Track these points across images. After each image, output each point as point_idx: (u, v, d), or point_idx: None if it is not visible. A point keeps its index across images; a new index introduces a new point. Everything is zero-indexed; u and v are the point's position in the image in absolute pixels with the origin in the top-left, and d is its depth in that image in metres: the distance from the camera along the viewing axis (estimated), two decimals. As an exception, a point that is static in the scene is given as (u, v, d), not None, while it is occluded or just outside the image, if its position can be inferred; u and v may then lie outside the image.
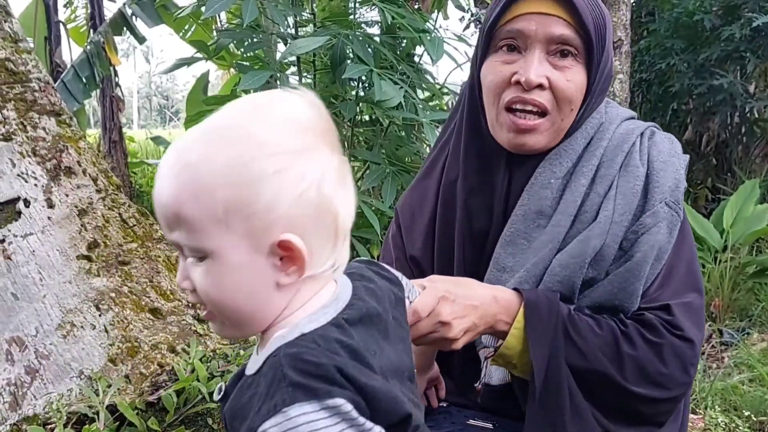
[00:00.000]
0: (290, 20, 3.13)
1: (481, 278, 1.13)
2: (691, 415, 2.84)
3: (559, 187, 1.11)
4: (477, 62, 1.17)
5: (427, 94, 3.92)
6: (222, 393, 0.80)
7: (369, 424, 0.68)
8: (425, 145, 3.52)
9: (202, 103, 4.00)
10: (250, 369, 0.75)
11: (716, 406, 2.86)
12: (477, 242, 1.18)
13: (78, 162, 2.29)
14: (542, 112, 1.09)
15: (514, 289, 1.07)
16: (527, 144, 1.11)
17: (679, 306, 1.06)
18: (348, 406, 0.66)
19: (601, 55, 1.10)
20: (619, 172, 1.10)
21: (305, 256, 0.70)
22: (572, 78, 1.09)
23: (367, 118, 3.65)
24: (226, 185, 0.67)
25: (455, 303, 1.00)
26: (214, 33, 4.44)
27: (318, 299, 0.75)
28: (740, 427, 2.65)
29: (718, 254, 4.31)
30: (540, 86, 1.07)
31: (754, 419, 2.72)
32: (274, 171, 0.68)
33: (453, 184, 1.21)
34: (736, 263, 4.31)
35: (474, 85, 1.18)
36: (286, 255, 0.70)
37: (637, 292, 1.05)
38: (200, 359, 2.01)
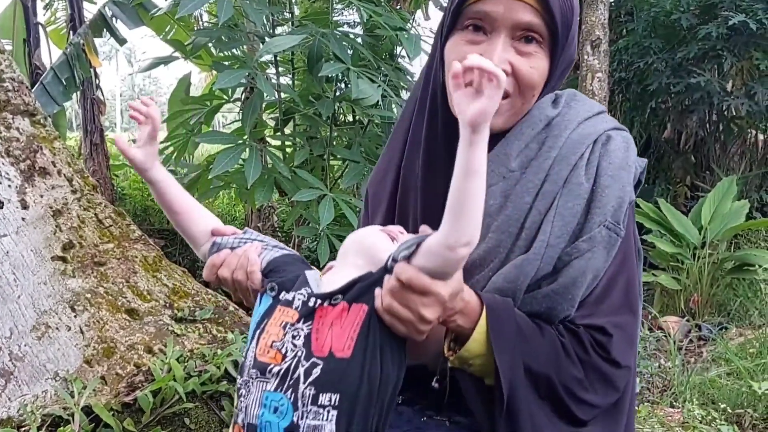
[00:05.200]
0: (267, 19, 3.12)
1: None
2: (669, 409, 2.87)
3: (501, 200, 1.09)
4: (441, 38, 1.14)
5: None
6: None
7: None
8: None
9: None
10: None
11: (694, 400, 2.90)
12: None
13: (53, 162, 2.27)
14: (504, 95, 1.05)
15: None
16: None
17: (612, 328, 1.06)
18: None
19: (566, 42, 1.09)
20: (561, 188, 1.07)
21: None
22: (536, 65, 1.07)
23: (350, 118, 3.65)
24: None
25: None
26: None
27: None
28: (717, 420, 2.68)
29: (696, 250, 4.35)
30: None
31: (731, 412, 2.76)
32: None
33: (413, 164, 1.17)
34: (715, 259, 4.36)
35: (436, 61, 1.15)
36: None
37: (564, 312, 1.05)
38: (177, 359, 2.00)
